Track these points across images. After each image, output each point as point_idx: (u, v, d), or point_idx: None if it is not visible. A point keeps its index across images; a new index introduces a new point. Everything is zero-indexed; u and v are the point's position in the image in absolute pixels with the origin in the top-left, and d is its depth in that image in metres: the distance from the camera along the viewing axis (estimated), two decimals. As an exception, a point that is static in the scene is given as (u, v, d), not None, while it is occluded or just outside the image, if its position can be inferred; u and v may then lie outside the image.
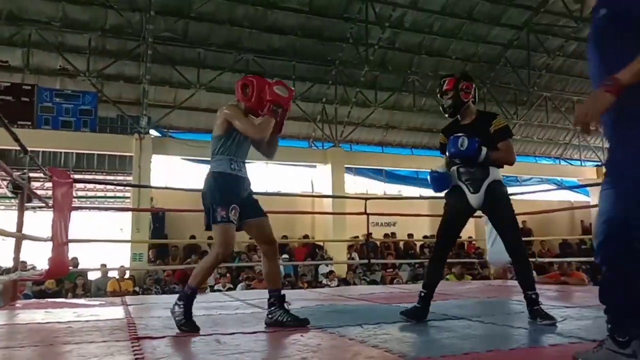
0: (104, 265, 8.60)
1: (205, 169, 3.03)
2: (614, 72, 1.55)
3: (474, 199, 3.03)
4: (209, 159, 2.97)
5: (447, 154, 3.15)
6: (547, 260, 8.69)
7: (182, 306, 2.76)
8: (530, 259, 9.90)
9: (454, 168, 3.12)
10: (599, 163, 16.74)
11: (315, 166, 14.04)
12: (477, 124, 3.10)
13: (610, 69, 1.57)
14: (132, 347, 2.30)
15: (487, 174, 3.01)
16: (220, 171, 2.88)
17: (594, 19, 1.80)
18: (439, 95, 3.22)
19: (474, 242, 13.40)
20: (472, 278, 9.85)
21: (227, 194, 2.83)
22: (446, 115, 3.26)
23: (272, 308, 2.87)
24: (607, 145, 1.76)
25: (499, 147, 3.02)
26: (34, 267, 8.41)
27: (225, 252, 2.84)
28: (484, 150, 2.96)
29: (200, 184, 3.00)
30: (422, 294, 3.06)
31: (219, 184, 2.85)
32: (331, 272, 10.55)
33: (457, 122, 3.24)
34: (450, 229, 3.15)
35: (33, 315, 3.55)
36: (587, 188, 16.03)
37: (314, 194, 13.99)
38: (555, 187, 16.63)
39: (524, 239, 3.43)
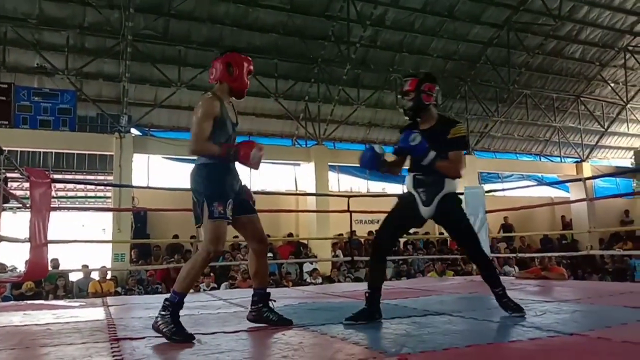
0: (85, 266, 8.48)
1: (187, 168, 2.98)
2: None
3: (425, 211, 2.97)
4: (191, 157, 2.84)
5: (395, 146, 3.15)
6: (527, 255, 8.81)
7: (167, 316, 2.48)
8: (512, 255, 10.01)
9: (411, 175, 3.07)
10: (579, 159, 17.01)
11: (298, 164, 14.03)
12: (436, 130, 3.00)
13: None
14: (112, 348, 2.28)
15: (442, 187, 2.95)
16: (213, 162, 2.68)
17: None
18: (400, 96, 3.12)
19: (456, 239, 13.51)
20: (455, 274, 9.94)
21: (223, 187, 2.65)
22: (406, 118, 3.18)
23: (258, 305, 2.83)
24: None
25: (449, 156, 2.92)
26: (14, 269, 8.28)
27: (218, 250, 2.63)
28: (432, 153, 2.89)
29: (182, 183, 2.94)
30: (368, 295, 2.93)
31: (212, 177, 2.65)
32: (315, 269, 10.56)
33: (416, 124, 3.13)
34: (396, 229, 3.12)
35: (11, 317, 3.49)
36: (567, 184, 16.28)
37: (297, 192, 13.98)
38: (536, 183, 16.86)
39: (505, 234, 3.48)
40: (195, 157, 2.77)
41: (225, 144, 2.71)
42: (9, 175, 4.56)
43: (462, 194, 3.27)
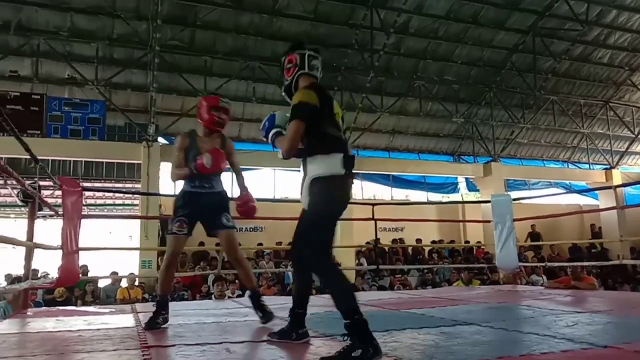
0: (115, 273, 8.64)
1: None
2: None
3: (305, 203, 2.56)
4: None
5: None
6: (557, 264, 8.63)
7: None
8: (540, 264, 9.76)
9: None
10: (608, 166, 16.63)
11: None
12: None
13: None
14: (143, 355, 2.32)
15: (306, 172, 2.51)
16: (182, 189, 3.38)
17: None
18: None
19: (482, 247, 13.34)
20: (481, 283, 9.79)
21: (178, 208, 3.33)
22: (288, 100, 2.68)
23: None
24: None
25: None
26: (46, 275, 8.46)
27: (172, 259, 3.35)
28: (272, 132, 2.56)
29: None
30: (295, 312, 2.60)
31: (176, 200, 3.39)
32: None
33: None
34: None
35: (44, 323, 3.58)
36: (596, 191, 15.92)
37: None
38: (564, 191, 16.53)
39: (533, 243, 3.39)
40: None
41: (188, 168, 3.29)
42: (41, 183, 4.68)
43: (339, 180, 2.55)
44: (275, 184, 14.07)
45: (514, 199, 6.62)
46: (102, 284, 9.65)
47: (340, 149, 2.50)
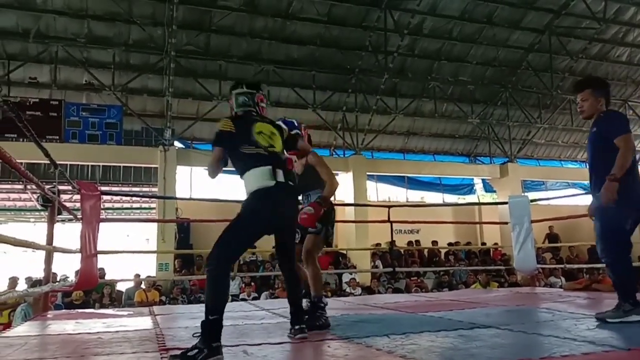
0: (137, 276, 8.73)
1: (228, 179, 3.22)
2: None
3: None
4: (231, 169, 3.04)
5: None
6: (577, 266, 8.50)
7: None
8: (559, 265, 9.63)
9: None
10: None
11: (337, 174, 13.98)
12: None
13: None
14: (162, 358, 2.34)
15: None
16: None
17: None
18: None
19: (500, 249, 13.21)
20: (499, 285, 9.69)
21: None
22: None
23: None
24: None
25: None
26: (66, 278, 8.58)
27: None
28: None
29: (224, 194, 3.17)
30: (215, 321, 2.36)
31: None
32: (352, 279, 10.49)
33: None
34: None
35: (64, 326, 3.63)
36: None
37: (335, 202, 13.94)
38: (582, 191, 16.26)
39: (551, 244, 3.37)
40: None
41: None
42: (60, 187, 4.75)
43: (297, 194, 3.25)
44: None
45: (532, 200, 6.54)
46: (120, 286, 9.75)
47: (262, 162, 2.75)
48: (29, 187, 12.29)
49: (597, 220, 3.19)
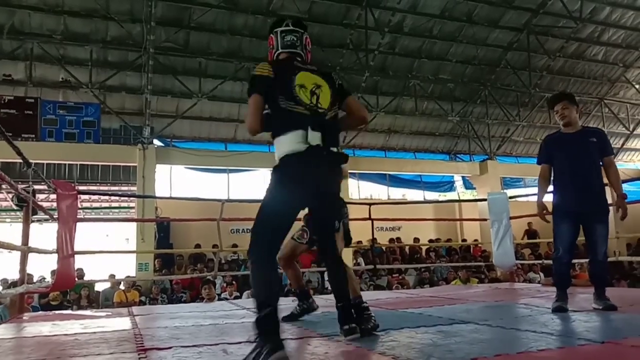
0: (112, 276, 8.60)
1: (208, 177, 3.09)
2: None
3: None
4: (213, 167, 2.93)
5: None
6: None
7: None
8: (537, 261, 9.75)
9: None
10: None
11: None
12: None
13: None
14: (139, 358, 2.30)
15: None
16: None
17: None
18: None
19: (479, 245, 13.36)
20: (479, 281, 9.80)
21: None
22: None
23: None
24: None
25: None
26: (43, 279, 8.43)
27: None
28: None
29: (204, 193, 3.06)
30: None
31: None
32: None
33: None
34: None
35: (40, 327, 3.55)
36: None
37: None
38: (560, 188, 16.54)
39: (529, 240, 3.46)
40: None
41: None
42: (36, 187, 4.65)
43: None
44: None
45: (511, 197, 6.63)
46: (98, 287, 9.62)
47: (298, 124, 2.26)
48: (3, 186, 12.03)
49: (603, 225, 3.51)
